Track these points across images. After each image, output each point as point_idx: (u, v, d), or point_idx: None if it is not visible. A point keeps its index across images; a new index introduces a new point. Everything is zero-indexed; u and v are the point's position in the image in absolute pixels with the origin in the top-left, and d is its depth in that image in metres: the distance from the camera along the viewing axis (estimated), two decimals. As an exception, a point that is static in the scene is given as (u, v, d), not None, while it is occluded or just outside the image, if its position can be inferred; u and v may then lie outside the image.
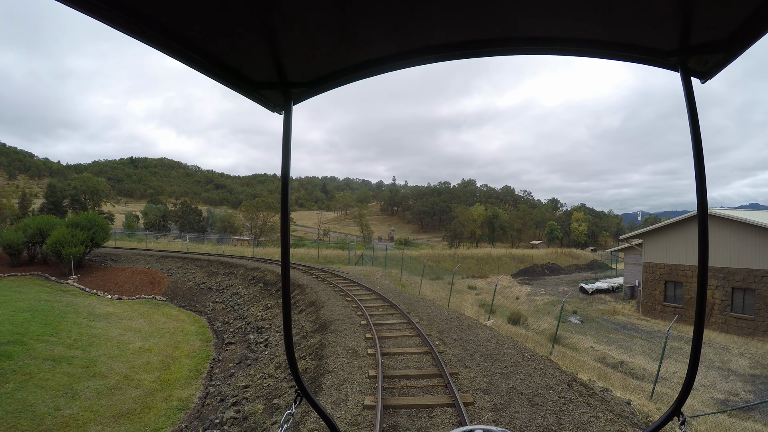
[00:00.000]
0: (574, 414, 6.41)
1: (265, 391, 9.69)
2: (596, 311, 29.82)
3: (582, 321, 26.10)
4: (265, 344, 13.85)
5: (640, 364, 17.12)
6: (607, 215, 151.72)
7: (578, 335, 21.80)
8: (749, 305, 23.17)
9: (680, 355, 18.65)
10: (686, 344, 20.60)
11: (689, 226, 26.62)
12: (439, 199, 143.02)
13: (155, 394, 12.17)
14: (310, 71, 1.39)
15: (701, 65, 1.27)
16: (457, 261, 47.33)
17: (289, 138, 1.48)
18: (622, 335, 23.04)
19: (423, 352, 9.11)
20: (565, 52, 1.29)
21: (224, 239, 60.38)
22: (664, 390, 13.24)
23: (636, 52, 1.28)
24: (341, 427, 5.78)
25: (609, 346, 19.90)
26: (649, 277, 28.74)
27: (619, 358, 17.72)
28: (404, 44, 1.27)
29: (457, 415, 5.93)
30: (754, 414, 12.04)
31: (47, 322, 16.67)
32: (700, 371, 16.03)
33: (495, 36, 1.22)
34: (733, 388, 14.44)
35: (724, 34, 1.12)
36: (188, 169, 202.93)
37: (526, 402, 6.63)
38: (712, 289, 25.01)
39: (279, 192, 1.56)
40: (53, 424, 10.22)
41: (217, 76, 1.27)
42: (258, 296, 20.43)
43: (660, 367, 12.89)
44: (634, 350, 19.53)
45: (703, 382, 15.06)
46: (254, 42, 1.18)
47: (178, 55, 1.12)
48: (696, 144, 1.26)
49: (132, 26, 0.97)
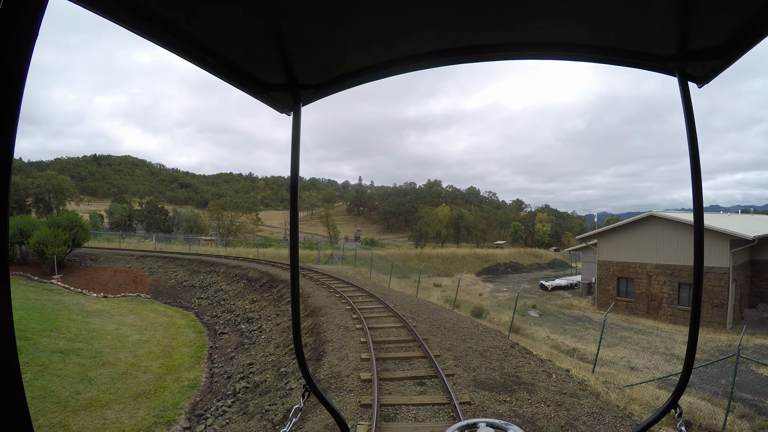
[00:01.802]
0: (512, 362, 8.89)
1: (270, 364, 11.71)
2: (554, 306, 31.26)
3: (540, 314, 27.49)
4: (259, 331, 15.74)
5: (591, 350, 18.47)
6: (571, 216, 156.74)
7: (536, 326, 23.55)
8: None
9: (629, 343, 20.44)
10: (635, 334, 22.44)
11: (639, 227, 28.72)
12: (405, 200, 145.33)
13: (164, 377, 13.85)
14: (320, 74, 1.43)
15: (698, 70, 1.30)
16: (423, 260, 49.53)
17: (298, 138, 1.52)
18: (577, 326, 24.42)
19: (400, 326, 11.42)
20: (565, 57, 1.32)
21: (191, 239, 60.67)
22: (611, 371, 15.14)
23: (635, 58, 1.30)
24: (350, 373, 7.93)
25: (564, 336, 21.75)
26: (603, 273, 30.70)
27: (573, 345, 19.45)
28: (412, 48, 1.30)
29: (430, 362, 8.25)
30: (690, 390, 13.61)
31: (43, 319, 17.80)
32: (646, 356, 17.85)
33: (498, 41, 1.27)
34: (674, 369, 15.77)
35: (721, 40, 1.14)
36: (153, 167, 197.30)
37: (479, 355, 9.06)
38: (660, 284, 26.97)
39: (244, 192, 2.49)
40: (78, 406, 11.72)
41: (229, 78, 1.31)
42: (243, 292, 22.14)
43: (600, 346, 15.31)
44: (587, 339, 21.17)
45: (647, 365, 16.45)
46: (266, 46, 1.23)
47: (193, 58, 1.17)
48: (692, 147, 1.31)
49: (149, 30, 1.01)
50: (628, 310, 28.40)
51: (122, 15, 0.93)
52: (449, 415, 6.15)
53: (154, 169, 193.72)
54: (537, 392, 7.52)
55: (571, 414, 6.81)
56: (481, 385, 7.50)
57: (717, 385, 14.06)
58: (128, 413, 11.39)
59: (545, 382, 8.21)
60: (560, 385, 8.21)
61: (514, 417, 6.42)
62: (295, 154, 1.50)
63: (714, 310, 24.15)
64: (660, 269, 26.98)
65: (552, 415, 6.70)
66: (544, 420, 6.45)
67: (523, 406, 6.87)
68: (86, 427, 10.64)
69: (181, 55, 1.13)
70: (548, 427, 6.23)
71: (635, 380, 14.08)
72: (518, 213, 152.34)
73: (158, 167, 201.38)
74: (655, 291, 27.33)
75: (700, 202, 1.35)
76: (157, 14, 0.99)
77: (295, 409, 1.67)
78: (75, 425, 10.67)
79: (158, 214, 69.32)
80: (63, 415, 11.04)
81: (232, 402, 10.95)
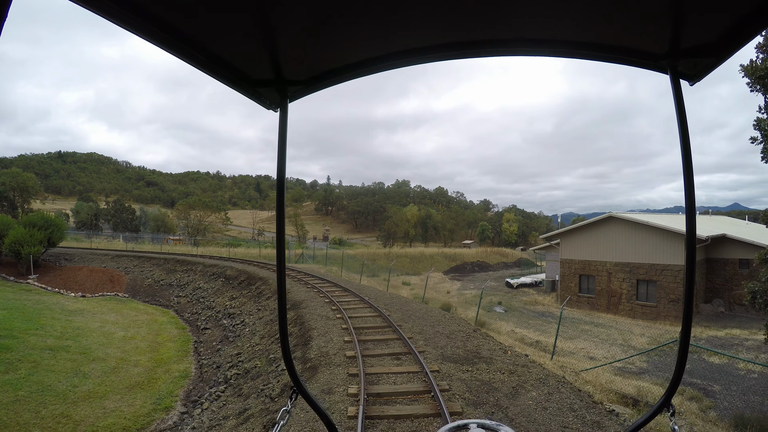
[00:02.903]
0: (474, 342, 10.43)
1: (258, 353, 12.84)
2: (519, 302, 32.33)
3: (506, 310, 28.30)
4: (243, 324, 16.78)
5: (553, 343, 19.55)
6: (538, 216, 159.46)
7: (501, 321, 24.36)
8: (651, 294, 26.92)
9: (589, 336, 21.54)
10: (595, 327, 23.42)
11: (600, 228, 30.31)
12: (373, 200, 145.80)
13: (155, 369, 14.72)
14: (307, 69, 1.42)
15: (690, 68, 1.31)
16: (392, 259, 50.67)
17: (285, 135, 1.50)
18: (541, 321, 25.30)
19: (375, 315, 12.81)
20: (557, 53, 1.32)
21: (158, 238, 60.16)
22: (571, 360, 16.35)
23: (627, 55, 1.31)
24: (336, 352, 9.23)
25: (528, 330, 22.78)
26: (566, 271, 32.07)
27: (536, 338, 20.45)
28: (401, 44, 1.30)
29: (404, 343, 9.66)
30: (644, 375, 14.18)
31: (27, 318, 18.19)
32: (605, 347, 18.69)
33: (488, 37, 1.26)
34: (630, 359, 16.74)
35: (713, 38, 1.15)
36: (119, 165, 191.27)
37: (445, 337, 10.56)
38: (620, 281, 28.37)
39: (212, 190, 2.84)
40: (77, 398, 12.48)
41: (214, 73, 1.29)
42: (221, 289, 22.98)
43: (557, 334, 16.96)
44: (550, 333, 21.80)
45: (605, 355, 17.20)
46: (252, 40, 1.21)
47: (178, 52, 1.15)
48: (684, 145, 1.31)
49: (132, 22, 0.99)
50: (589, 306, 29.92)
51: (105, 6, 0.92)
52: (422, 380, 7.57)
53: (120, 167, 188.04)
54: (494, 364, 9.06)
55: (521, 379, 8.37)
56: (448, 359, 8.98)
57: (670, 372, 15.64)
58: (126, 403, 12.25)
59: (501, 357, 9.77)
60: (514, 359, 9.80)
61: (470, 387, 7.88)
62: (282, 151, 1.48)
63: (671, 304, 25.83)
64: (619, 267, 28.65)
65: (505, 380, 8.23)
66: (498, 383, 7.97)
67: (482, 373, 8.38)
68: (88, 417, 11.46)
69: (166, 49, 1.13)
70: (502, 387, 7.75)
71: (595, 371, 14.78)
72: (486, 213, 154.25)
73: (124, 165, 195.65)
74: (615, 287, 28.85)
75: (692, 199, 1.33)
76: (142, 6, 0.98)
77: (282, 412, 1.61)
78: (77, 415, 11.46)
79: (125, 213, 68.11)
80: (64, 407, 11.76)
81: (225, 387, 12.02)
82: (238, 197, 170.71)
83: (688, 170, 1.30)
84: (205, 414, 10.67)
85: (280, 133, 1.48)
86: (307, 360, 9.14)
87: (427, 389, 6.95)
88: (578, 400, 7.62)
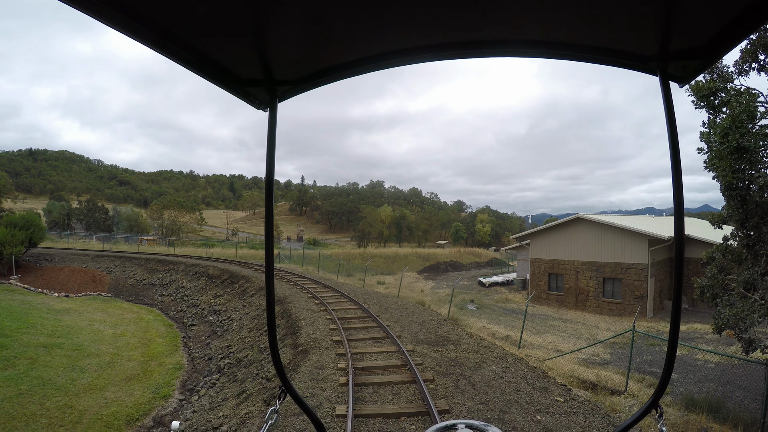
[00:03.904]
0: (444, 329, 11.92)
1: (249, 344, 13.97)
2: (491, 300, 33.11)
3: (478, 308, 28.93)
4: (230, 320, 17.81)
5: (523, 337, 19.92)
6: (511, 217, 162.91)
7: (473, 318, 25.07)
8: (617, 291, 28.06)
9: (557, 331, 22.48)
10: (564, 323, 24.53)
11: (568, 228, 31.44)
12: (348, 200, 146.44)
13: (149, 362, 15.62)
14: (297, 69, 1.41)
15: (680, 70, 1.32)
16: (367, 259, 51.38)
17: (274, 135, 1.49)
18: (511, 317, 26.08)
19: (356, 308, 14.18)
20: (546, 55, 1.33)
21: (132, 239, 59.70)
22: (538, 352, 17.02)
23: (617, 57, 1.32)
24: (324, 337, 10.51)
25: (499, 326, 23.56)
26: (536, 270, 33.14)
27: (506, 333, 20.93)
28: (392, 44, 1.30)
29: (383, 330, 11.04)
30: (607, 366, 14.99)
31: (16, 318, 18.67)
32: (571, 341, 19.44)
33: (478, 39, 1.26)
34: (595, 351, 17.72)
35: (702, 40, 1.16)
36: (91, 163, 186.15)
37: (419, 325, 12.01)
38: (587, 279, 29.33)
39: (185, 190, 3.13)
40: (78, 390, 13.26)
41: (204, 72, 1.28)
42: (205, 288, 23.84)
43: (524, 324, 18.26)
44: (520, 328, 22.16)
45: (571, 348, 17.76)
46: (241, 40, 1.20)
47: (166, 51, 1.14)
48: (673, 146, 1.32)
49: (120, 21, 0.98)
50: (558, 303, 31.07)
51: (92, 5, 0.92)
52: (399, 357, 8.96)
53: (93, 166, 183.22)
54: (461, 345, 10.55)
55: (484, 356, 9.87)
56: (421, 342, 10.42)
57: (630, 362, 16.15)
58: (125, 393, 13.16)
59: (468, 341, 11.27)
60: (478, 342, 11.32)
61: (440, 362, 9.31)
62: (271, 151, 1.47)
63: (635, 301, 26.90)
64: (586, 266, 29.80)
65: (470, 357, 9.71)
66: (464, 359, 9.44)
67: (450, 352, 9.84)
68: (91, 406, 12.35)
69: (156, 49, 1.12)
70: (467, 362, 9.22)
71: (560, 361, 15.07)
72: (459, 214, 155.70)
73: (97, 163, 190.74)
74: (583, 285, 29.91)
75: (680, 201, 1.33)
76: (131, 5, 0.97)
77: (270, 412, 1.60)
78: (80, 405, 12.31)
79: (98, 212, 67.10)
80: (66, 398, 12.56)
81: (219, 376, 13.11)
82: (212, 197, 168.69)
83: (677, 171, 1.32)
84: (204, 399, 11.75)
85: (270, 132, 1.50)
86: (298, 345, 10.42)
87: (404, 363, 8.36)
88: (531, 373, 9.15)
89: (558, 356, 14.87)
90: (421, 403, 6.52)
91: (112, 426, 11.56)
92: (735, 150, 9.86)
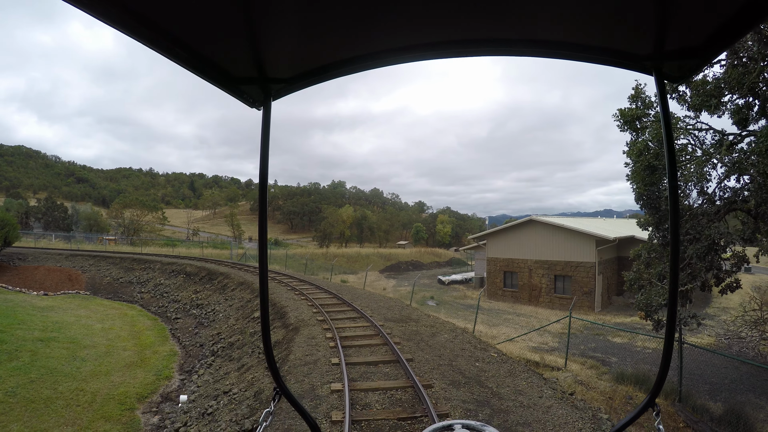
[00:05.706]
0: (407, 311, 14.55)
1: (238, 330, 16.01)
2: (450, 297, 34.73)
3: (437, 304, 30.64)
4: (214, 312, 19.68)
5: (478, 329, 21.17)
6: (471, 218, 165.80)
7: (433, 313, 25.96)
8: (567, 288, 30.19)
9: (511, 323, 24.19)
10: (517, 317, 26.24)
11: (522, 229, 33.61)
12: (309, 200, 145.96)
13: (143, 351, 17.28)
14: (291, 67, 1.41)
15: (675, 70, 1.32)
16: (330, 259, 52.48)
17: (268, 134, 1.50)
18: (469, 312, 26.63)
19: (331, 296, 16.65)
20: (539, 54, 1.32)
21: (92, 238, 59.10)
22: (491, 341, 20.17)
23: (612, 56, 1.32)
24: (309, 317, 12.81)
25: (456, 319, 24.36)
26: (492, 268, 34.86)
27: (463, 326, 22.10)
28: (386, 43, 1.30)
29: (357, 312, 13.49)
30: (554, 352, 16.31)
31: (4, 315, 19.58)
32: (523, 332, 20.40)
33: (471, 37, 1.26)
34: (544, 340, 19.41)
35: (698, 40, 1.16)
36: (48, 159, 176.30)
37: (386, 308, 14.64)
38: (540, 276, 31.40)
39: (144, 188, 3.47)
40: (85, 376, 14.73)
41: (197, 70, 1.28)
42: (183, 284, 25.39)
43: (477, 316, 20.91)
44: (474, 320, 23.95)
45: (524, 338, 19.19)
46: (234, 37, 1.20)
47: (160, 48, 1.14)
48: (668, 144, 1.33)
49: (114, 17, 0.98)
50: (513, 299, 32.89)
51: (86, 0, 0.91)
52: (373, 329, 11.46)
53: (50, 162, 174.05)
54: (420, 322, 13.16)
55: (438, 330, 12.50)
56: (389, 320, 12.97)
57: (576, 349, 17.32)
58: (129, 377, 14.87)
59: (425, 319, 13.92)
60: (434, 320, 13.98)
61: (404, 333, 11.83)
62: (265, 150, 1.47)
63: (584, 296, 29.07)
64: (539, 264, 31.91)
65: (427, 330, 12.32)
66: (423, 332, 12.04)
67: (412, 327, 12.42)
68: (101, 389, 14.00)
69: (150, 46, 1.11)
70: (424, 333, 11.81)
71: (510, 347, 16.06)
72: (420, 214, 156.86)
73: (54, 159, 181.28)
74: (536, 282, 31.94)
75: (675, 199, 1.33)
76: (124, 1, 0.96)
77: (265, 413, 1.55)
78: (90, 389, 13.90)
79: (57, 211, 65.48)
80: (76, 383, 14.09)
81: (215, 358, 15.10)
82: (172, 195, 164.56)
83: (672, 169, 1.32)
84: (205, 376, 13.76)
85: (264, 131, 1.49)
86: (289, 325, 12.70)
87: (377, 333, 10.90)
88: (476, 341, 11.85)
89: (507, 341, 17.00)
90: (392, 355, 9.03)
91: (125, 403, 13.33)
92: (646, 168, 12.14)
